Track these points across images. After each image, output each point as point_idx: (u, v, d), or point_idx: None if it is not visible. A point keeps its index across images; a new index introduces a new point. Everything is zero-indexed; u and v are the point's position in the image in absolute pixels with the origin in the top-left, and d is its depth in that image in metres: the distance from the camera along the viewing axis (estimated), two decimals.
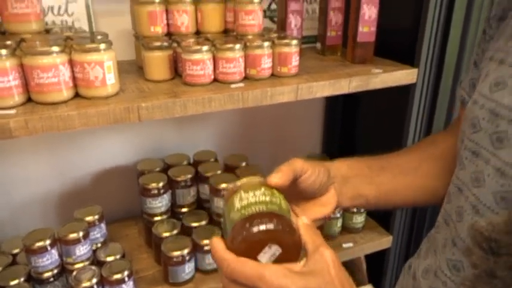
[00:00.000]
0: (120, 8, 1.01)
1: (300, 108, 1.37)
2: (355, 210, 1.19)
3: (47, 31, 0.86)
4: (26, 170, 1.10)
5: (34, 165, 1.11)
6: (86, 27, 1.00)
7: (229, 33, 0.98)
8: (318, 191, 0.60)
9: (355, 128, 1.38)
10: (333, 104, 1.41)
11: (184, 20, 0.92)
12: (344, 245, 1.17)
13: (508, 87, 0.46)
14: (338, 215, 1.17)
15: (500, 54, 0.51)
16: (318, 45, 1.16)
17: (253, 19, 0.91)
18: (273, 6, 1.21)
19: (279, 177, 0.53)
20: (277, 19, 1.11)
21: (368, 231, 1.23)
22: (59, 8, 0.97)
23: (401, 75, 1.00)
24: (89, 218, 1.00)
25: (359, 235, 1.22)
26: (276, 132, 1.40)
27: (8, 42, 0.73)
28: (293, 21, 1.05)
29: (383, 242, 1.21)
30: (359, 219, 1.21)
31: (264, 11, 1.20)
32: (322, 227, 1.16)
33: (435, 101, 1.08)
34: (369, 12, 0.99)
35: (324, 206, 0.61)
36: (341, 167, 0.65)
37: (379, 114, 1.25)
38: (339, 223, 1.19)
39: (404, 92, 1.04)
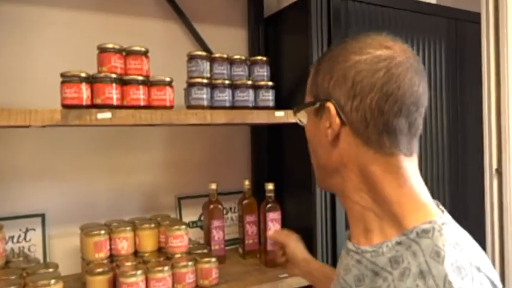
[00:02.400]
0: (71, 230, 1.22)
1: None
2: None
3: (7, 262, 1.04)
4: None
5: None
6: (41, 251, 1.19)
7: (162, 251, 1.20)
8: None
9: None
10: None
11: (124, 245, 1.14)
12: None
13: None
14: None
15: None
16: (240, 249, 1.40)
17: (180, 242, 1.15)
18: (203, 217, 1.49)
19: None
20: (204, 231, 1.36)
21: None
22: (19, 236, 1.18)
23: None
24: None
25: None
26: None
27: None
28: (216, 235, 1.31)
29: None
30: None
31: (196, 222, 1.47)
32: None
33: None
34: (274, 227, 1.28)
35: None
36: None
37: None
38: None
39: None
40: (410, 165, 0.60)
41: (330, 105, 0.59)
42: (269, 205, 1.29)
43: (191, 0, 1.47)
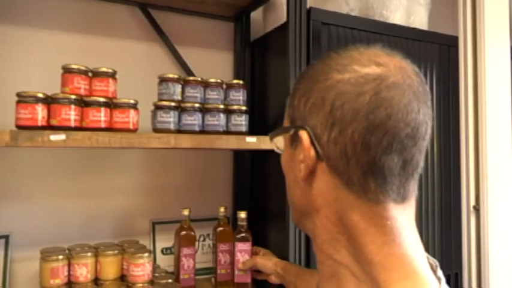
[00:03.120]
0: (36, 254, 1.18)
1: None
2: None
3: None
4: None
5: None
6: (0, 274, 1.16)
7: (125, 279, 1.15)
8: None
9: None
10: None
11: (83, 272, 1.10)
12: None
13: None
14: None
15: None
16: (213, 280, 1.33)
17: (142, 270, 1.10)
18: None
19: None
20: (174, 260, 1.30)
21: None
22: None
23: None
24: None
25: None
26: None
27: None
28: (186, 263, 1.25)
29: None
30: None
31: (170, 248, 1.42)
32: None
33: None
34: (243, 258, 1.22)
35: None
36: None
37: None
38: None
39: None
40: (401, 215, 0.47)
41: (303, 134, 0.48)
42: (240, 235, 1.23)
43: (175, 24, 1.46)
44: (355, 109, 0.45)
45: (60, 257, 1.08)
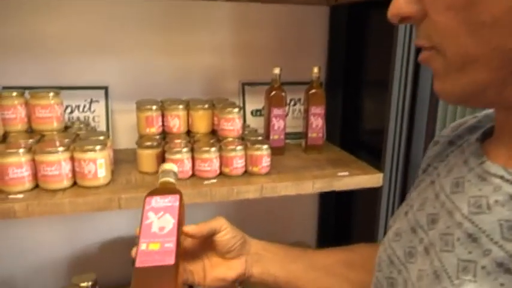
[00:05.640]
0: (132, 106, 1.22)
1: (295, 200, 1.46)
2: None
3: (66, 127, 1.09)
4: (38, 235, 1.29)
5: (46, 232, 1.30)
6: (104, 122, 1.22)
7: (216, 134, 1.15)
8: (229, 252, 0.68)
9: (350, 218, 1.44)
10: (327, 196, 1.49)
11: (176, 123, 1.11)
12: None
13: (402, 240, 0.49)
14: None
15: (406, 207, 0.54)
16: (303, 143, 1.29)
17: (232, 125, 1.08)
18: None
19: (192, 228, 0.64)
20: (264, 120, 1.27)
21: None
22: (84, 106, 1.21)
23: (366, 179, 1.09)
24: (84, 284, 1.15)
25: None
26: (270, 224, 1.49)
27: (30, 141, 0.95)
28: (276, 124, 1.21)
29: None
30: None
31: (260, 110, 1.38)
32: None
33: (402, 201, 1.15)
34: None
35: (230, 269, 0.68)
36: (257, 244, 0.72)
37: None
38: None
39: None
40: None
41: None
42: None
43: None
44: None
45: (154, 107, 1.09)
